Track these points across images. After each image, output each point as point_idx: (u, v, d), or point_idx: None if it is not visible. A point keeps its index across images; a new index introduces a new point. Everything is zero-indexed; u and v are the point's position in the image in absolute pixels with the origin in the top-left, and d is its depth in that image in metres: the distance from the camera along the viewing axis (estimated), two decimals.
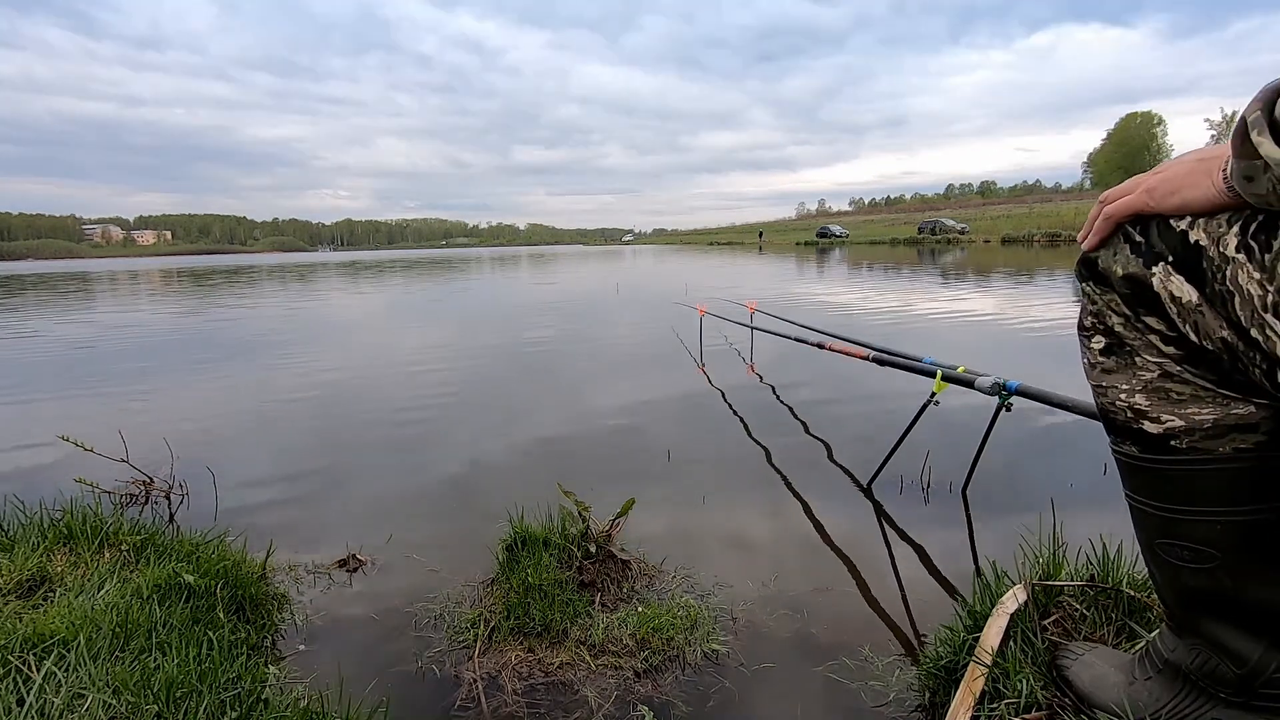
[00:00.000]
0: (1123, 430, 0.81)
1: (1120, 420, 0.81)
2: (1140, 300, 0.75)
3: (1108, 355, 0.81)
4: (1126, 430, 0.81)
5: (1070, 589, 1.20)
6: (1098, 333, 0.82)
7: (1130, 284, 0.75)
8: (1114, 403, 0.81)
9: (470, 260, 37.47)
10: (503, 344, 5.77)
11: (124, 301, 12.22)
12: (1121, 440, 0.82)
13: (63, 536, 1.62)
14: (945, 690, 1.14)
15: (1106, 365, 0.81)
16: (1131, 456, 0.82)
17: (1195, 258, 0.68)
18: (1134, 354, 0.78)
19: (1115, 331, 0.79)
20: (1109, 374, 0.81)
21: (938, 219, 44.38)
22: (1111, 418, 0.82)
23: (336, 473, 2.55)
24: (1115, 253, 0.77)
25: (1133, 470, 0.83)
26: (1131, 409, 0.79)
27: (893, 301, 8.17)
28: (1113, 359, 0.80)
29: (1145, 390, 0.77)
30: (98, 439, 2.27)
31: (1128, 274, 0.75)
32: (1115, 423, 0.82)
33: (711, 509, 2.11)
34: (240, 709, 1.03)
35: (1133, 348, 0.78)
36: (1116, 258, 0.76)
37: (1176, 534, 0.79)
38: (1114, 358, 0.80)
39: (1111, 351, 0.80)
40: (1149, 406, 0.77)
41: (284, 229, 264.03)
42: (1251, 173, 0.60)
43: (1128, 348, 0.78)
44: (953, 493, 2.14)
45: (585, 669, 1.30)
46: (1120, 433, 0.82)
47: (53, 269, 43.18)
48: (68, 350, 6.05)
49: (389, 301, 11.01)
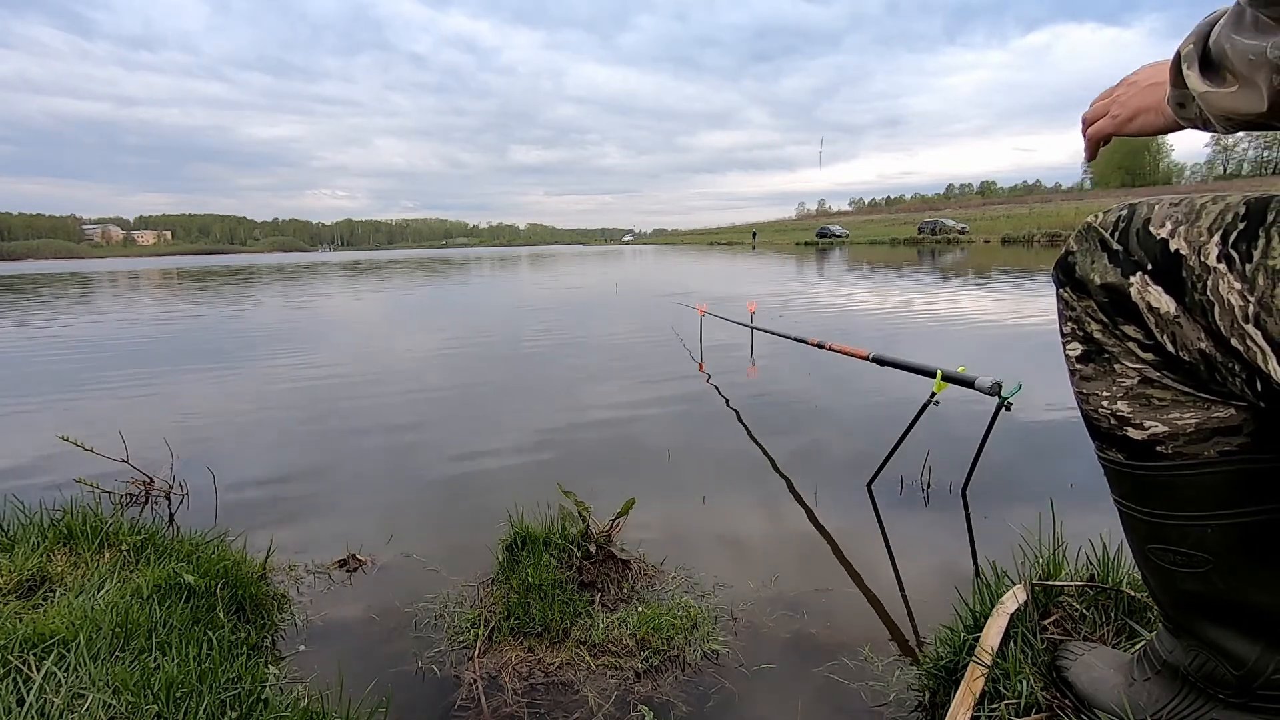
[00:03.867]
0: (1107, 437, 0.81)
1: (1104, 427, 0.81)
2: (1118, 309, 0.75)
3: (1086, 362, 0.81)
4: (1111, 437, 0.80)
5: (1070, 589, 1.20)
6: (1075, 339, 0.81)
7: (1108, 293, 0.75)
8: (1096, 410, 0.81)
9: (471, 260, 37.48)
10: (503, 343, 5.77)
11: (124, 301, 12.22)
12: (1106, 447, 0.82)
13: (63, 536, 1.62)
14: (945, 690, 1.14)
15: (1085, 372, 0.81)
16: (1117, 463, 0.81)
17: (1174, 266, 0.68)
18: (1113, 360, 0.78)
19: (1094, 338, 0.79)
20: (1088, 381, 0.81)
21: (938, 219, 44.41)
22: (1095, 424, 0.82)
23: (337, 473, 2.55)
24: (1093, 260, 0.77)
25: (1120, 477, 0.82)
26: (1114, 416, 0.79)
27: (891, 301, 8.17)
28: (1091, 366, 0.80)
29: (1126, 397, 0.77)
30: (98, 439, 2.27)
31: (1105, 283, 0.75)
32: (1099, 429, 0.82)
33: (711, 509, 2.11)
34: (240, 709, 1.03)
35: (1111, 354, 0.78)
36: (1094, 266, 0.76)
37: (1167, 539, 0.79)
38: (1092, 364, 0.80)
39: (1090, 358, 0.80)
40: (1131, 413, 0.77)
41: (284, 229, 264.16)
42: (1183, 100, 0.65)
43: (1106, 354, 0.78)
44: (953, 493, 2.14)
45: (585, 669, 1.30)
46: (1105, 439, 0.82)
47: (53, 269, 43.17)
48: (68, 350, 6.04)
49: (389, 301, 11.01)
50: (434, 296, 11.80)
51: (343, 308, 9.98)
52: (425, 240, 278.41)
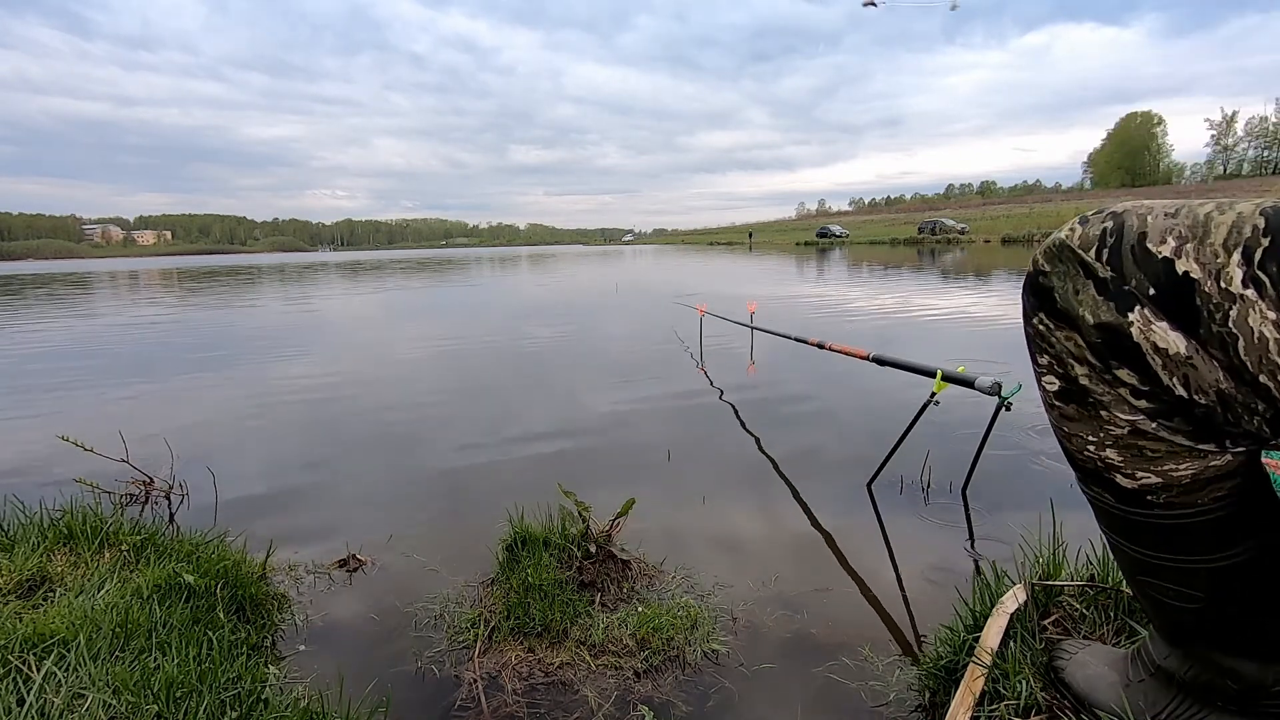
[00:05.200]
0: (1093, 477, 0.73)
1: (1089, 468, 0.73)
2: (1114, 351, 0.63)
3: (1066, 401, 0.69)
4: (1097, 478, 0.73)
5: (1070, 589, 1.20)
6: (1054, 374, 0.69)
7: (1102, 333, 0.62)
8: (1081, 452, 0.72)
9: (471, 260, 37.47)
10: (503, 343, 5.76)
11: (123, 301, 12.22)
12: (1091, 484, 0.74)
13: (63, 536, 1.62)
14: (945, 690, 1.14)
15: (1066, 412, 0.70)
16: (1104, 502, 0.75)
17: (1184, 293, 0.56)
18: (1100, 408, 0.66)
19: (1079, 383, 0.67)
20: (1070, 421, 0.70)
21: (938, 219, 44.40)
22: (1079, 464, 0.74)
23: (337, 472, 2.55)
24: (1076, 290, 0.63)
25: (1108, 516, 0.76)
26: (1101, 461, 0.70)
27: (891, 301, 8.17)
28: (1073, 407, 0.69)
29: (1116, 446, 0.68)
30: (98, 439, 2.27)
31: (1100, 323, 0.62)
32: (1084, 469, 0.74)
33: (712, 509, 2.11)
34: (240, 709, 1.03)
35: (1099, 402, 0.66)
36: (1080, 299, 0.63)
37: (1159, 575, 0.75)
38: (1074, 405, 0.69)
39: (1071, 399, 0.69)
40: (1122, 463, 0.68)
41: (284, 229, 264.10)
42: None
43: (1092, 400, 0.67)
44: (952, 493, 2.14)
45: (585, 669, 1.30)
46: (1090, 478, 0.74)
47: (53, 269, 43.17)
48: (68, 350, 6.04)
49: (390, 300, 11.01)
50: (434, 297, 11.80)
51: (343, 308, 9.98)
52: (425, 240, 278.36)
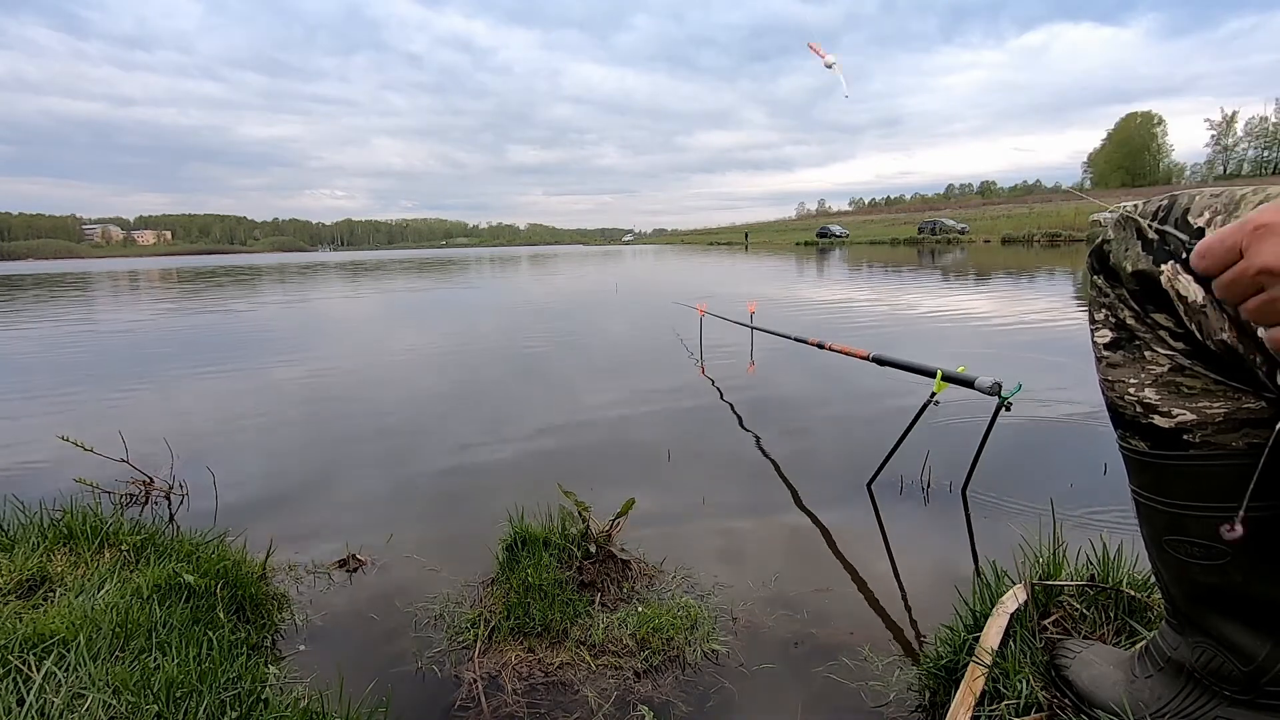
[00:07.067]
0: (1131, 425, 0.81)
1: (1129, 415, 0.81)
2: (1149, 296, 0.75)
3: (1115, 349, 0.81)
4: (1135, 425, 0.80)
5: (1070, 589, 1.20)
6: (1107, 326, 0.82)
7: (1139, 280, 0.75)
8: (1122, 397, 0.81)
9: (471, 260, 37.46)
10: (503, 343, 5.76)
11: (123, 302, 12.22)
12: (1130, 435, 0.82)
13: (63, 536, 1.62)
14: (945, 690, 1.14)
15: (1113, 359, 0.81)
16: (1140, 453, 0.81)
17: None
18: (1144, 348, 0.78)
19: (1126, 325, 0.79)
20: (1116, 368, 0.81)
21: (938, 219, 44.37)
22: (1120, 412, 0.82)
23: (337, 473, 2.55)
24: (1126, 248, 0.76)
25: (1141, 466, 0.82)
26: (1141, 403, 0.78)
27: (891, 300, 8.17)
28: (1120, 353, 0.80)
29: (1155, 384, 0.77)
30: (98, 439, 2.27)
31: (1137, 270, 0.75)
32: (1124, 417, 0.82)
33: (711, 509, 2.11)
34: (240, 709, 1.03)
35: (1143, 341, 0.78)
36: (1127, 253, 0.76)
37: (1186, 530, 0.79)
38: (1121, 351, 0.80)
39: (1119, 345, 0.80)
40: (1159, 400, 0.77)
41: (284, 229, 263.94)
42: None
43: (1137, 341, 0.78)
44: (952, 493, 2.14)
45: (585, 669, 1.30)
46: (1129, 427, 0.82)
47: (53, 269, 43.17)
48: (68, 350, 6.04)
49: (391, 301, 11.01)
50: (435, 297, 11.80)
51: (343, 308, 9.97)
52: (425, 240, 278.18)
